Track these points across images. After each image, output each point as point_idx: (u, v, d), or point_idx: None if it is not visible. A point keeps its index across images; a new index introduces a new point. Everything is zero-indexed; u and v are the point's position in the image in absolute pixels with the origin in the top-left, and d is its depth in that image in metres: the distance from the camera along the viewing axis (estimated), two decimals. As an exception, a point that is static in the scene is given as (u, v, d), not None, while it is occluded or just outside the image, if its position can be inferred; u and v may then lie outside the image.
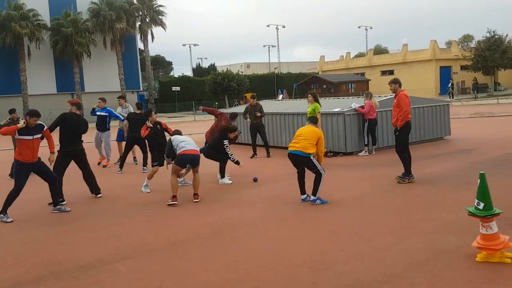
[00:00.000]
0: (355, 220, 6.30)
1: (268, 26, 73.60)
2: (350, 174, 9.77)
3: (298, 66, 76.01)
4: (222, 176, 9.27)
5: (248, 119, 12.69)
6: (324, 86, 51.29)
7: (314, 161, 7.16)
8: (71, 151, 8.11)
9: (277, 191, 8.13)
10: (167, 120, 31.45)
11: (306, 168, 7.32)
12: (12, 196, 7.11)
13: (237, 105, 39.38)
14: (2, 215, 7.07)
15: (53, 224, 6.94)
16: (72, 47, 38.31)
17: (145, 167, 10.98)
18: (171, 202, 7.60)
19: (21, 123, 7.00)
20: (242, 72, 56.36)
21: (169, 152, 8.09)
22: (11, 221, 6.98)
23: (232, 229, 6.20)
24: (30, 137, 7.04)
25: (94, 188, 8.50)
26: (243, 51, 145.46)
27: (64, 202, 7.87)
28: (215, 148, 9.30)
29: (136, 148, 11.81)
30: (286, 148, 10.90)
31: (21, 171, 7.11)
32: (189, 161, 7.87)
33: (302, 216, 6.64)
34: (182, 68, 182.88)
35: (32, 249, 5.74)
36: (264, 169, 10.83)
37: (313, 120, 7.86)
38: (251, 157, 12.45)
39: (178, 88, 47.97)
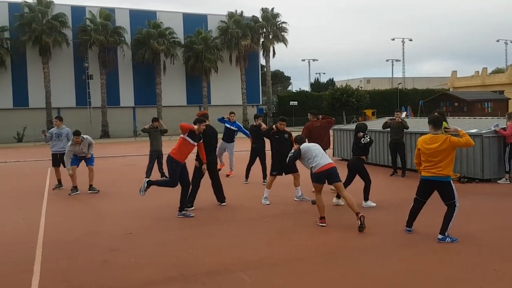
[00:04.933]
0: (493, 255, 5.64)
1: (393, 39, 70.47)
2: (487, 203, 8.83)
3: (424, 82, 71.90)
4: (366, 199, 8.52)
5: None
6: (456, 104, 47.64)
7: (454, 188, 6.28)
8: (208, 160, 8.51)
9: (401, 215, 7.60)
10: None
11: (441, 199, 6.31)
12: (165, 184, 8.21)
13: (356, 121, 38.55)
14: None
15: (182, 227, 7.43)
16: (202, 63, 41.45)
17: (265, 180, 11.24)
18: (320, 224, 7.23)
19: (197, 127, 7.96)
20: (361, 87, 55.10)
21: (293, 160, 7.70)
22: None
23: (351, 251, 6.00)
24: (193, 142, 7.97)
25: (220, 197, 8.93)
26: (363, 65, 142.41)
27: (192, 208, 8.40)
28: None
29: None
30: (413, 170, 10.30)
31: (176, 168, 7.93)
32: (326, 177, 7.32)
33: (430, 246, 6.11)
34: (300, 83, 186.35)
35: (163, 250, 6.19)
36: (392, 190, 10.39)
37: (435, 122, 6.29)
38: (391, 175, 12.37)
39: (295, 103, 48.67)
